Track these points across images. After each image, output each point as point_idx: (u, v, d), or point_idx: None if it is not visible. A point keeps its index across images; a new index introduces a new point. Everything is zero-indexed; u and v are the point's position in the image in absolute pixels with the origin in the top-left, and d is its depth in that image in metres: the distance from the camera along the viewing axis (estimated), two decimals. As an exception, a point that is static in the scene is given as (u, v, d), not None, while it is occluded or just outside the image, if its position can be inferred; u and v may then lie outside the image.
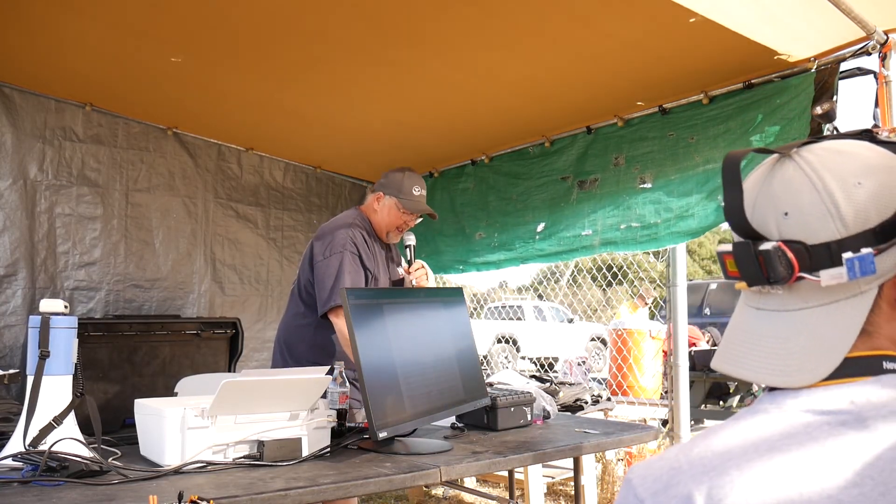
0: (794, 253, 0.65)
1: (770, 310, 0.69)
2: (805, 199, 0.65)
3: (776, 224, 0.67)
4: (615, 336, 6.80)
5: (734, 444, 0.62)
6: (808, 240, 0.65)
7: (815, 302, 0.66)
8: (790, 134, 2.61)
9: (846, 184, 0.64)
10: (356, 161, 4.34)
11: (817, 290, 0.66)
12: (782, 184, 0.68)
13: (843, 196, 0.64)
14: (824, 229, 0.64)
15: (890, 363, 0.64)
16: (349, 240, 2.42)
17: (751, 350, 0.69)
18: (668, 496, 0.61)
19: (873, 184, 0.64)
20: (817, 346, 0.65)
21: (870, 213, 0.63)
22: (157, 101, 3.42)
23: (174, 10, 2.47)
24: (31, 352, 1.63)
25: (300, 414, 1.74)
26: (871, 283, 0.65)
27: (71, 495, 1.36)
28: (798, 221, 0.65)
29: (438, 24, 2.50)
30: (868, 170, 0.65)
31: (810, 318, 0.66)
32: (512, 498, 3.08)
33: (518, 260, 3.75)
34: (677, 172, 3.03)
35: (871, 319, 0.65)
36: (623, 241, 3.24)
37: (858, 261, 0.63)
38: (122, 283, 3.52)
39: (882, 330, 0.65)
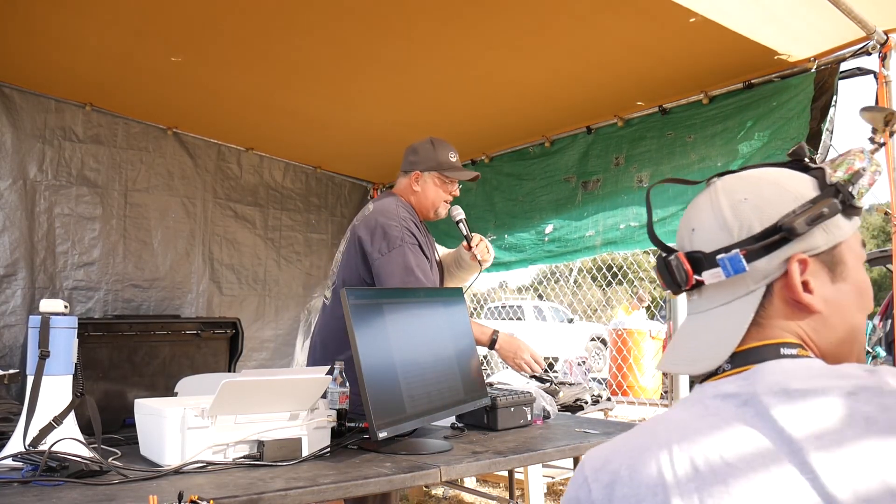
0: (690, 260, 0.79)
1: (693, 313, 0.82)
2: (703, 215, 0.80)
3: (688, 239, 0.81)
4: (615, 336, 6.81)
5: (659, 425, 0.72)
6: (706, 249, 0.78)
7: (718, 302, 0.79)
8: (789, 133, 2.61)
9: (734, 200, 0.78)
10: (356, 161, 4.34)
11: (719, 292, 0.78)
12: (694, 206, 0.83)
13: (730, 210, 0.78)
14: (717, 239, 0.78)
15: (787, 349, 0.74)
16: (406, 230, 2.26)
17: (675, 348, 0.82)
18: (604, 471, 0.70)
19: (757, 199, 0.77)
20: (715, 338, 0.77)
21: (753, 223, 0.76)
22: (157, 101, 3.42)
23: (174, 10, 2.46)
24: (31, 352, 1.63)
25: (300, 414, 1.74)
26: (759, 282, 0.76)
27: (71, 495, 1.36)
28: (700, 234, 0.80)
29: (438, 24, 2.50)
30: (756, 188, 0.78)
31: (713, 316, 0.79)
32: (512, 498, 3.08)
33: (527, 261, 3.75)
34: (673, 171, 3.03)
35: (762, 314, 0.76)
36: (622, 241, 3.25)
37: (729, 260, 0.76)
38: (121, 282, 3.52)
39: (775, 322, 0.76)
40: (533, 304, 13.18)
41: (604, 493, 0.69)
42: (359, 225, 2.34)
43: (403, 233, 2.25)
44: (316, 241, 4.40)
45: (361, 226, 2.32)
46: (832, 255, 0.76)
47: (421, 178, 2.43)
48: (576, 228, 3.46)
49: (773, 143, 2.66)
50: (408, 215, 2.33)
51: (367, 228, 2.28)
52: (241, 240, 4.03)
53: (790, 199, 0.76)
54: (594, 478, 0.71)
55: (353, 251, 2.32)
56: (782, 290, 0.75)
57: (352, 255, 2.32)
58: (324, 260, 4.42)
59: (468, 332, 2.24)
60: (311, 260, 4.36)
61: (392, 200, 2.39)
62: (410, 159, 2.47)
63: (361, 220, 2.36)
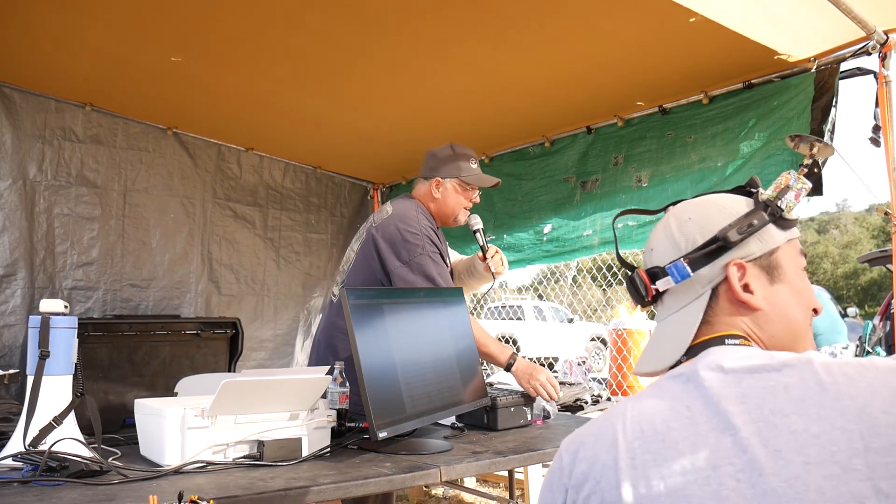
0: (648, 274, 0.93)
1: (657, 321, 0.95)
2: (657, 236, 0.95)
3: (648, 259, 0.95)
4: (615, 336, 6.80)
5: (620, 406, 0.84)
6: (661, 263, 0.92)
7: (674, 308, 0.92)
8: (790, 133, 2.61)
9: (681, 220, 0.92)
10: (356, 161, 4.34)
11: (673, 300, 0.92)
12: (653, 231, 0.97)
13: (677, 229, 0.92)
14: (668, 254, 0.92)
15: (731, 340, 0.85)
16: (426, 238, 2.25)
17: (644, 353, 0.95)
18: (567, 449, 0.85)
19: (700, 217, 0.91)
20: (673, 338, 0.89)
21: (696, 237, 0.90)
22: (157, 101, 3.42)
23: (174, 10, 2.46)
24: (32, 352, 1.63)
25: (300, 414, 1.74)
26: (705, 286, 0.89)
27: (71, 495, 1.36)
28: (656, 253, 0.94)
29: (438, 24, 2.50)
30: (699, 209, 0.92)
31: (671, 321, 0.92)
32: (512, 498, 3.08)
33: (526, 261, 3.75)
34: (672, 171, 3.03)
35: (710, 313, 0.88)
36: (620, 240, 3.24)
37: (674, 268, 0.90)
38: (120, 282, 3.53)
39: (722, 319, 0.88)
40: (533, 304, 13.17)
41: (570, 458, 0.82)
42: (377, 227, 2.31)
43: (424, 241, 2.24)
44: (315, 241, 4.40)
45: (380, 229, 2.29)
46: (769, 260, 0.88)
47: (441, 185, 2.42)
48: (573, 228, 3.46)
49: (773, 143, 2.66)
50: (428, 223, 2.31)
51: (386, 234, 2.27)
52: (241, 240, 4.03)
53: (727, 216, 0.89)
54: (566, 448, 0.85)
55: (370, 253, 2.29)
56: (726, 292, 0.88)
57: (368, 257, 2.30)
58: (323, 260, 4.42)
59: (468, 332, 2.24)
60: (310, 260, 4.36)
61: (412, 206, 2.36)
62: (430, 165, 2.45)
63: (380, 222, 2.33)
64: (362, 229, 2.44)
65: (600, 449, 0.79)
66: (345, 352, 2.21)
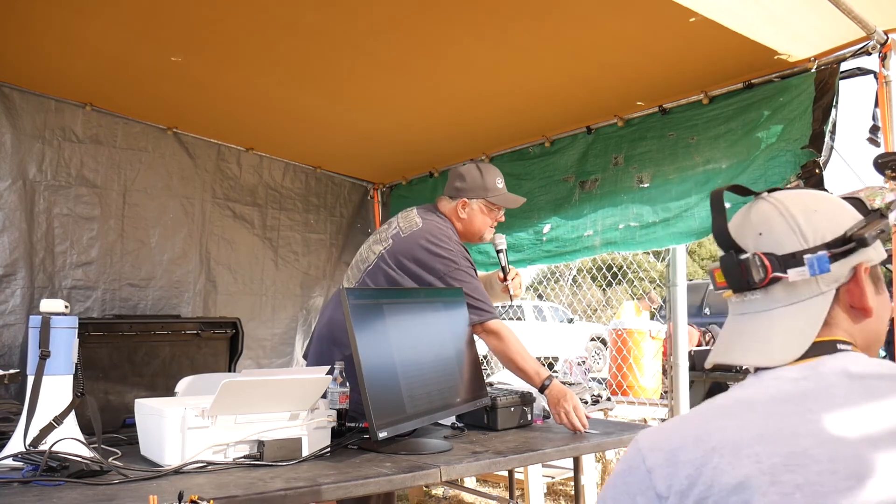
0: (767, 258, 0.86)
1: (751, 312, 0.88)
2: (774, 222, 0.88)
3: (753, 242, 0.88)
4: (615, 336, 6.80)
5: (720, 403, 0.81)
6: (777, 251, 0.86)
7: (786, 301, 0.86)
8: (792, 134, 2.61)
9: (806, 210, 0.87)
10: (356, 161, 4.34)
11: (787, 292, 0.86)
12: (757, 214, 0.90)
13: (803, 218, 0.86)
14: (790, 243, 0.86)
15: (842, 345, 0.84)
16: (459, 254, 2.30)
17: (736, 344, 0.89)
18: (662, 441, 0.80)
19: (827, 211, 0.87)
20: (791, 333, 0.85)
21: (825, 232, 0.85)
22: (157, 101, 3.42)
23: (174, 10, 2.46)
24: (32, 352, 1.63)
25: (300, 414, 1.74)
26: (830, 284, 0.85)
27: (71, 495, 1.36)
28: (769, 238, 0.87)
29: (438, 24, 2.50)
30: (822, 202, 0.89)
31: (784, 314, 0.86)
32: (512, 498, 3.08)
33: (526, 261, 3.75)
34: (676, 172, 3.02)
35: (831, 314, 0.85)
36: (622, 241, 3.24)
37: (816, 260, 0.84)
38: (119, 282, 3.53)
39: (840, 324, 0.85)
40: (533, 304, 13.17)
41: (664, 458, 0.78)
42: (408, 237, 2.32)
43: (458, 257, 2.29)
44: (315, 241, 4.39)
45: (411, 241, 2.30)
46: (876, 269, 0.88)
47: (468, 206, 2.44)
48: (573, 228, 3.44)
49: (777, 145, 2.65)
50: (459, 243, 2.36)
51: (419, 246, 2.28)
52: (239, 239, 4.03)
53: (849, 217, 0.87)
54: (651, 447, 0.80)
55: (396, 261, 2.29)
56: (846, 294, 0.85)
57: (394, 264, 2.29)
58: (322, 260, 4.42)
59: (468, 332, 2.24)
60: (308, 260, 4.36)
61: (442, 223, 2.39)
62: (457, 186, 2.46)
63: (409, 232, 2.34)
64: (385, 233, 2.42)
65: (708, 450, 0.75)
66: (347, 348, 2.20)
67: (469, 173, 2.46)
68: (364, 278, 2.36)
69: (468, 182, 2.44)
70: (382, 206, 4.69)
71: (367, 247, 2.46)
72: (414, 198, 4.45)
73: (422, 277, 2.27)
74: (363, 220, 4.66)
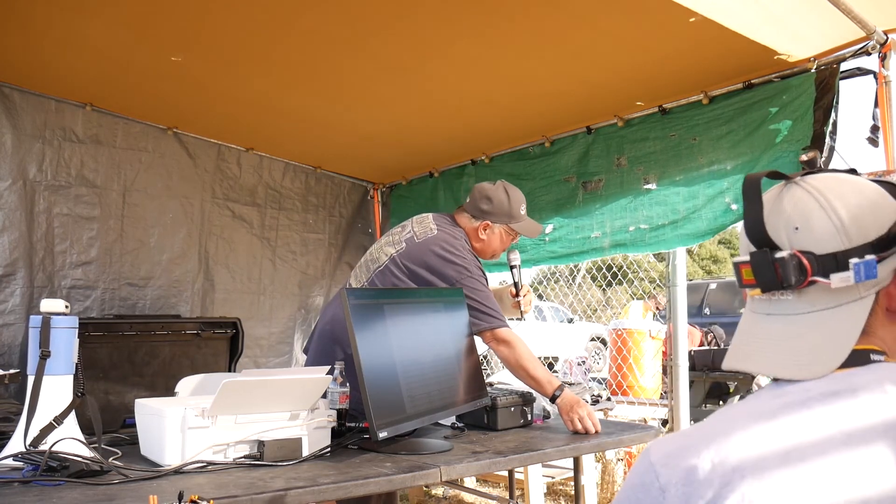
0: (807, 259, 0.75)
1: (780, 314, 0.79)
2: (814, 216, 0.77)
3: (787, 237, 0.78)
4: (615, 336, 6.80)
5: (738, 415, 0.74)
6: (816, 250, 0.75)
7: (821, 305, 0.77)
8: (794, 135, 2.61)
9: (849, 204, 0.76)
10: (356, 161, 4.34)
11: (824, 295, 0.76)
12: (791, 203, 0.79)
13: (846, 214, 0.76)
14: (831, 241, 0.75)
15: (875, 355, 0.76)
16: (473, 264, 2.32)
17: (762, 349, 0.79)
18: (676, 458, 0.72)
19: (869, 205, 0.77)
20: (828, 342, 0.76)
21: (869, 230, 0.75)
22: (157, 101, 3.42)
23: (174, 10, 2.46)
24: (32, 352, 1.63)
25: (300, 414, 1.74)
26: (870, 289, 0.76)
27: (71, 495, 1.36)
28: (807, 235, 0.76)
29: (438, 24, 2.50)
30: (863, 191, 0.78)
31: (819, 320, 0.77)
32: (512, 498, 3.08)
33: (531, 262, 3.76)
34: (682, 173, 3.02)
35: (868, 321, 0.76)
36: (632, 243, 3.25)
37: (864, 266, 0.74)
38: (118, 281, 3.54)
39: (876, 332, 0.77)
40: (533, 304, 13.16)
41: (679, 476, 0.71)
42: (423, 243, 2.34)
43: (472, 266, 2.31)
44: (313, 240, 4.40)
45: (426, 246, 2.32)
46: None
47: (489, 229, 2.45)
48: (578, 229, 3.45)
49: (780, 146, 2.65)
50: (472, 253, 2.38)
51: (434, 252, 2.30)
52: (238, 239, 4.03)
53: (891, 209, 0.77)
54: (664, 463, 0.73)
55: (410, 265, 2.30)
56: (885, 297, 0.77)
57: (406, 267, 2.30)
58: (320, 260, 4.42)
59: (468, 332, 2.24)
60: (307, 259, 4.36)
61: (459, 235, 2.40)
62: (483, 208, 2.44)
63: (424, 238, 2.35)
64: (399, 236, 2.42)
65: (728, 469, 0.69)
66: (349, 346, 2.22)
67: (497, 197, 2.44)
68: (373, 278, 2.36)
69: (495, 206, 2.43)
70: (382, 206, 4.69)
71: (378, 247, 2.46)
72: (414, 198, 4.45)
73: (433, 284, 2.28)
74: (364, 220, 4.66)
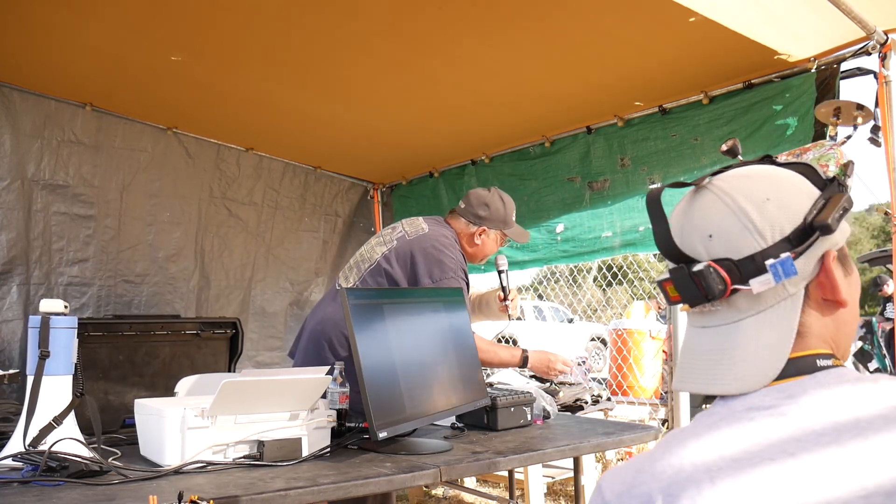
0: (725, 269, 0.72)
1: (713, 326, 0.76)
2: (724, 220, 0.74)
3: (703, 246, 0.75)
4: (615, 336, 6.80)
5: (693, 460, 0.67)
6: (733, 256, 0.72)
7: (750, 311, 0.73)
8: (795, 135, 2.61)
9: (757, 202, 0.73)
10: (356, 161, 4.34)
11: (750, 300, 0.73)
12: (701, 210, 0.76)
13: (756, 213, 0.72)
14: (746, 244, 0.72)
15: (822, 360, 0.72)
16: (460, 266, 2.37)
17: (696, 365, 0.76)
18: (630, 496, 0.68)
19: (779, 198, 0.73)
20: (761, 351, 0.72)
21: (783, 224, 0.72)
22: (157, 100, 3.42)
23: (174, 10, 2.46)
24: (31, 352, 1.63)
25: (300, 414, 1.74)
26: (797, 285, 0.72)
27: (71, 495, 1.36)
28: (722, 241, 0.73)
29: (438, 24, 2.50)
30: (772, 187, 0.74)
31: (749, 327, 0.73)
32: (512, 498, 3.08)
33: (542, 261, 3.79)
34: (685, 174, 3.03)
35: (801, 321, 0.73)
36: (641, 242, 3.27)
37: (780, 265, 0.70)
38: (114, 278, 3.56)
39: (812, 330, 0.73)
40: (533, 304, 13.17)
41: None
42: (413, 241, 2.39)
43: (458, 267, 2.35)
44: (312, 240, 4.40)
45: (416, 244, 2.38)
46: (843, 250, 0.76)
47: (485, 234, 2.52)
48: (589, 229, 3.48)
49: (781, 147, 2.66)
50: (461, 257, 2.42)
51: (422, 252, 2.35)
52: (234, 236, 4.05)
53: (805, 196, 0.74)
54: (618, 502, 0.69)
55: (400, 262, 2.36)
56: (816, 288, 0.73)
57: (397, 266, 2.36)
58: (319, 259, 4.42)
59: (468, 332, 2.24)
60: (305, 259, 4.36)
61: (451, 236, 2.45)
62: (480, 214, 2.51)
63: (415, 236, 2.41)
64: (390, 236, 2.47)
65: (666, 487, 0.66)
66: (339, 346, 2.28)
67: (493, 204, 2.51)
68: (365, 277, 2.40)
69: (492, 213, 2.50)
70: (383, 205, 4.70)
71: (370, 248, 2.49)
72: (414, 198, 4.46)
73: (420, 279, 2.33)
74: (364, 220, 4.67)
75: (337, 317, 2.31)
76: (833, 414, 0.66)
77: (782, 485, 0.62)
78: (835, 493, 0.61)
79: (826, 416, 0.66)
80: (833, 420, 0.66)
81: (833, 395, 0.68)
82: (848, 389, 0.68)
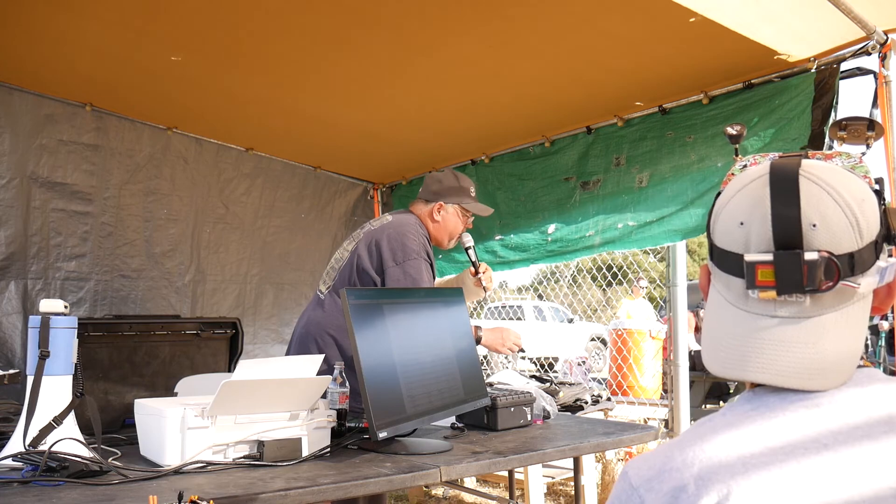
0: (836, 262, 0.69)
1: (792, 317, 0.72)
2: (833, 214, 0.70)
3: (813, 236, 0.70)
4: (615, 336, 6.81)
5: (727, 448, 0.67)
6: (834, 249, 0.69)
7: (829, 308, 0.71)
8: (790, 135, 2.61)
9: (857, 200, 0.71)
10: (356, 161, 4.35)
11: (836, 297, 0.71)
12: (807, 198, 0.71)
13: (859, 211, 0.70)
14: (847, 241, 0.69)
15: None
16: (423, 247, 2.39)
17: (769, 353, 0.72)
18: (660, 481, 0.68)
19: (870, 200, 0.72)
20: (844, 348, 0.70)
21: (873, 227, 0.71)
22: (157, 100, 3.42)
23: (174, 10, 2.46)
24: (31, 352, 1.63)
25: (300, 414, 1.74)
26: (869, 287, 0.71)
27: (71, 495, 1.36)
28: (826, 233, 0.70)
29: (438, 24, 2.50)
30: (862, 188, 0.73)
31: (825, 323, 0.71)
32: (512, 498, 3.08)
33: (530, 260, 3.78)
34: (672, 171, 3.03)
35: None
36: (620, 240, 3.26)
37: (891, 269, 0.71)
38: (111, 273, 3.59)
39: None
40: (533, 304, 13.17)
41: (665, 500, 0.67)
42: (376, 230, 2.45)
43: (420, 249, 2.37)
44: (312, 240, 4.40)
45: (378, 232, 2.43)
46: None
47: (443, 209, 2.55)
48: (576, 229, 3.47)
49: (774, 144, 2.66)
50: (425, 240, 2.44)
51: (384, 236, 2.40)
52: (231, 236, 4.06)
53: (874, 200, 0.73)
54: (647, 487, 0.69)
55: (365, 253, 2.41)
56: (874, 295, 0.74)
57: (363, 256, 2.41)
58: (316, 259, 4.42)
59: (468, 332, 2.24)
60: (303, 258, 4.37)
61: (413, 220, 2.50)
62: (434, 189, 2.56)
63: (378, 227, 2.47)
64: (358, 232, 2.55)
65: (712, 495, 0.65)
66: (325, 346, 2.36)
67: (446, 178, 2.57)
68: (336, 276, 2.47)
69: (445, 186, 2.55)
70: (383, 205, 4.69)
71: (341, 249, 2.58)
72: (414, 197, 4.45)
73: (383, 262, 2.36)
74: (365, 220, 4.66)
75: (320, 319, 2.40)
76: (866, 410, 0.67)
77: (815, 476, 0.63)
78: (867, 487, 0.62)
79: (859, 411, 0.67)
80: (866, 415, 0.67)
81: (865, 393, 0.69)
82: (880, 388, 0.69)
